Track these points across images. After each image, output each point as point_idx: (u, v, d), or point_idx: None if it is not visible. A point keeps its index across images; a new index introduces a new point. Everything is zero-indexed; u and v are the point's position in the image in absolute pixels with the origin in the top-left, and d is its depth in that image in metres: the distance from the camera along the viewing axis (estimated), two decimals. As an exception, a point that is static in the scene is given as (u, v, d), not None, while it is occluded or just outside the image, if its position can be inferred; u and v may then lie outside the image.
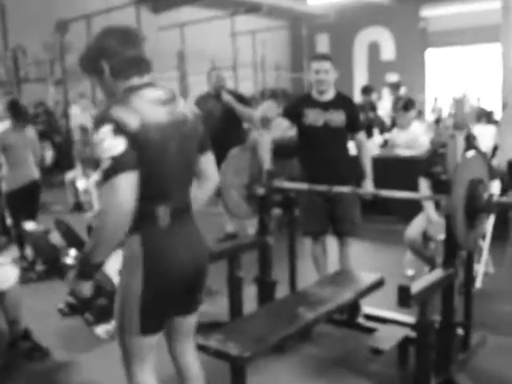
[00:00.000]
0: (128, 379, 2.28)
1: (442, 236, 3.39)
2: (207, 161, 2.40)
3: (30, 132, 5.79)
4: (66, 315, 4.32)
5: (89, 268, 2.04)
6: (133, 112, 2.01)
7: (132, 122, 1.98)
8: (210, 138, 5.87)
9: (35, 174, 5.61)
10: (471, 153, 2.99)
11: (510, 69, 6.40)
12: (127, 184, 1.94)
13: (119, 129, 1.96)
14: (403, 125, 7.70)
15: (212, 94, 5.90)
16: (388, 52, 18.16)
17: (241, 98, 5.82)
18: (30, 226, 5.32)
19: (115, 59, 2.10)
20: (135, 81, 2.14)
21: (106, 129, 1.95)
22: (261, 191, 3.69)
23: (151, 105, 2.08)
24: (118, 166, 1.93)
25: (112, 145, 1.94)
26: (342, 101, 3.93)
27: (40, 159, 6.62)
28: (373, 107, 9.14)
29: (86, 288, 2.09)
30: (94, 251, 1.99)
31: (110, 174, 1.93)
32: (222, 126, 5.70)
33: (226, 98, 5.64)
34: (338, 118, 3.86)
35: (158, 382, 2.33)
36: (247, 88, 13.12)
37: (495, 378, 3.23)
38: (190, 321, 2.39)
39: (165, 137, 2.08)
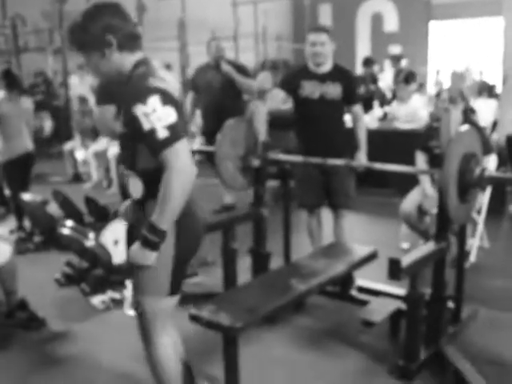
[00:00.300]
0: (149, 342, 2.34)
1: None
2: None
3: (25, 102, 5.71)
4: (63, 285, 4.36)
5: (157, 236, 2.09)
6: (164, 82, 2.10)
7: (172, 91, 2.08)
8: (209, 109, 5.90)
9: (29, 145, 5.56)
10: (465, 127, 2.98)
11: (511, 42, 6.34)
12: (185, 149, 2.05)
13: (167, 98, 2.04)
14: (403, 98, 7.66)
15: (211, 65, 5.84)
16: (391, 24, 17.97)
17: (240, 69, 5.75)
18: (26, 196, 5.33)
19: (120, 33, 2.13)
20: (139, 54, 2.19)
21: (154, 99, 2.01)
22: (256, 163, 3.70)
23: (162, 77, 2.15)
24: (175, 133, 2.02)
25: (165, 114, 2.02)
26: (339, 73, 3.90)
27: (39, 129, 6.63)
28: (374, 79, 9.08)
29: (151, 259, 2.14)
30: (164, 218, 2.07)
31: (168, 143, 2.01)
32: (221, 97, 5.67)
33: (226, 68, 5.59)
34: (334, 90, 3.83)
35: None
36: (248, 59, 12.99)
37: (485, 351, 3.26)
38: None
39: (179, 106, 2.16)
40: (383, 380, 3.00)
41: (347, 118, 4.11)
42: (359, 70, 9.28)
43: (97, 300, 4.02)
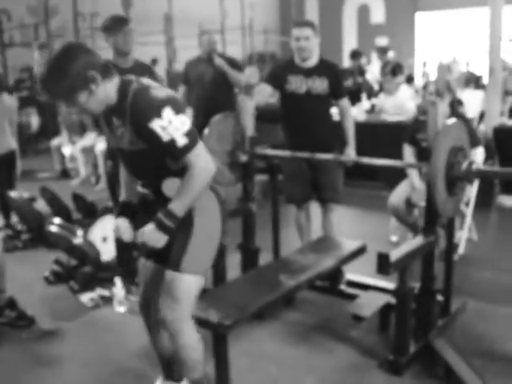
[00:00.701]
0: (180, 323, 2.37)
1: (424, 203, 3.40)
2: None
3: (7, 100, 5.63)
4: (51, 283, 4.33)
5: (173, 222, 2.24)
6: (162, 88, 2.27)
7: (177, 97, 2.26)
8: (201, 103, 5.82)
9: (13, 143, 5.49)
10: (452, 120, 2.98)
11: (497, 34, 6.33)
12: (203, 150, 2.24)
13: (177, 106, 2.19)
14: (390, 90, 7.66)
15: (203, 58, 5.76)
16: (378, 15, 17.98)
17: (232, 63, 5.69)
18: (14, 194, 5.29)
19: (97, 66, 2.20)
20: (116, 79, 2.28)
21: (168, 111, 2.15)
22: (243, 158, 3.68)
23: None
24: (193, 138, 2.20)
25: (180, 122, 2.17)
26: (325, 67, 3.89)
27: (25, 125, 6.57)
28: (361, 72, 9.07)
29: (162, 242, 2.28)
30: (182, 207, 2.25)
31: (189, 148, 2.19)
32: (213, 91, 5.58)
33: (218, 61, 5.52)
34: (320, 84, 3.82)
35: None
36: (235, 52, 12.94)
37: (474, 343, 3.27)
38: None
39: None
40: (373, 374, 3.01)
41: (334, 112, 4.11)
42: (346, 62, 9.28)
43: (86, 298, 4.00)
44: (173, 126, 2.15)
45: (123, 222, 2.48)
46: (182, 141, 2.17)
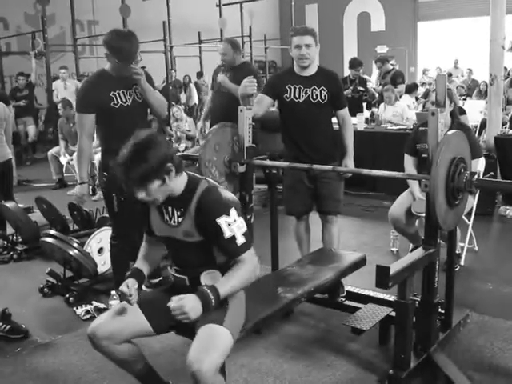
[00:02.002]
0: (215, 374, 2.28)
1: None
2: None
3: (2, 108, 5.59)
4: (47, 295, 4.28)
5: (215, 301, 2.32)
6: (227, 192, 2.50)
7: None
8: (217, 110, 5.75)
9: (8, 153, 5.44)
10: (453, 131, 2.93)
11: (498, 42, 6.31)
12: (254, 253, 2.45)
13: (239, 209, 2.45)
14: (391, 99, 7.64)
15: (222, 67, 5.74)
16: (378, 23, 18.00)
17: (250, 73, 5.49)
18: (9, 204, 5.23)
19: (175, 161, 2.38)
20: (184, 175, 2.48)
21: (234, 211, 2.38)
22: (241, 169, 3.63)
23: None
24: (249, 240, 2.42)
25: (241, 223, 2.40)
26: (324, 76, 3.84)
27: (22, 134, 6.53)
28: (362, 81, 9.03)
29: (196, 313, 2.29)
30: (226, 292, 2.37)
31: (246, 248, 2.40)
32: (228, 100, 5.53)
33: (219, 78, 5.48)
34: (319, 93, 3.77)
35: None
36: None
37: (475, 357, 3.22)
38: None
39: None
40: (373, 389, 2.95)
41: (334, 121, 4.06)
42: (347, 70, 9.22)
43: (81, 310, 3.94)
44: (236, 224, 2.37)
45: (133, 282, 2.52)
46: (241, 240, 2.38)
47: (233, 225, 2.36)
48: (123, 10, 10.33)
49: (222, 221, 2.35)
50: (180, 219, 2.46)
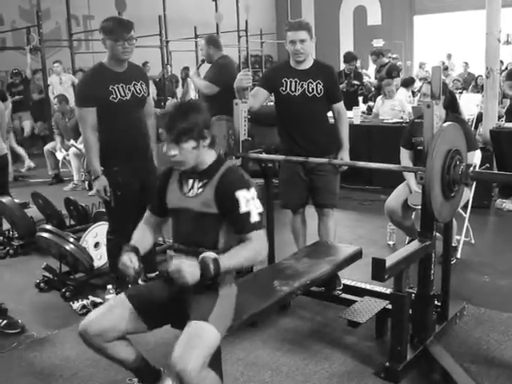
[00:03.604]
0: (200, 371, 2.24)
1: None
2: None
3: None
4: (43, 290, 4.27)
5: (215, 272, 2.32)
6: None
7: None
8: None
9: (3, 148, 5.42)
10: (448, 123, 2.93)
11: (494, 36, 6.30)
12: (265, 236, 2.51)
13: (257, 192, 2.48)
14: (391, 93, 7.63)
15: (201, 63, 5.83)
16: (374, 17, 17.96)
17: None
18: (5, 199, 5.22)
19: (210, 132, 2.49)
20: (213, 153, 2.57)
21: (254, 191, 2.45)
22: (237, 162, 3.62)
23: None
24: (262, 221, 2.46)
25: (259, 203, 2.46)
26: (320, 70, 3.83)
27: (18, 129, 6.50)
28: (358, 74, 9.03)
29: (194, 279, 2.30)
30: (227, 264, 2.36)
31: (258, 226, 2.43)
32: (201, 95, 5.67)
33: (191, 73, 5.59)
34: (315, 87, 3.76)
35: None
36: (231, 55, 12.93)
37: (472, 349, 3.22)
38: None
39: None
40: (370, 382, 2.94)
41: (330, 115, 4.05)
42: (343, 64, 9.22)
43: (78, 305, 3.93)
44: (254, 202, 2.42)
45: (133, 255, 2.55)
46: (255, 217, 2.41)
47: (250, 201, 2.42)
48: (119, 5, 10.30)
49: (240, 194, 2.40)
50: (200, 190, 2.51)
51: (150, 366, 2.74)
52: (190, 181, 2.55)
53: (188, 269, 2.30)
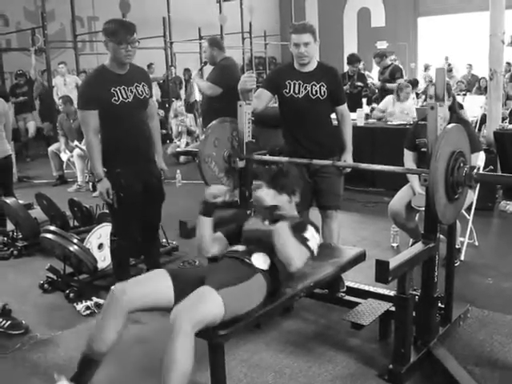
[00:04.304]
0: (191, 327, 2.34)
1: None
2: None
3: (2, 104, 5.57)
4: (47, 291, 4.28)
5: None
6: None
7: None
8: (202, 108, 5.97)
9: (8, 149, 5.43)
10: (452, 124, 2.93)
11: (498, 37, 6.30)
12: None
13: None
14: (406, 95, 7.60)
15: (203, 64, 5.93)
16: (378, 19, 17.96)
17: None
18: (9, 200, 5.23)
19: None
20: None
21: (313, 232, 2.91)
22: (240, 164, 3.63)
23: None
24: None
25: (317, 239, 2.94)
26: (323, 72, 3.83)
27: (23, 131, 6.52)
28: (361, 76, 9.02)
29: (268, 201, 2.98)
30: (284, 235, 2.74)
31: (312, 252, 2.86)
32: (204, 97, 5.77)
33: (193, 74, 5.62)
34: (319, 89, 3.76)
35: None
36: (234, 57, 12.95)
37: (475, 351, 3.21)
38: None
39: None
40: (373, 384, 2.95)
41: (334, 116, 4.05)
42: (347, 65, 9.22)
43: (81, 306, 3.94)
44: (315, 238, 2.94)
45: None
46: (313, 246, 2.90)
47: (312, 239, 2.88)
48: (123, 6, 10.32)
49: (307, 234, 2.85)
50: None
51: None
52: None
53: (263, 193, 2.93)
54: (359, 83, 8.73)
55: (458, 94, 10.84)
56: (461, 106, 7.19)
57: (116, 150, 3.77)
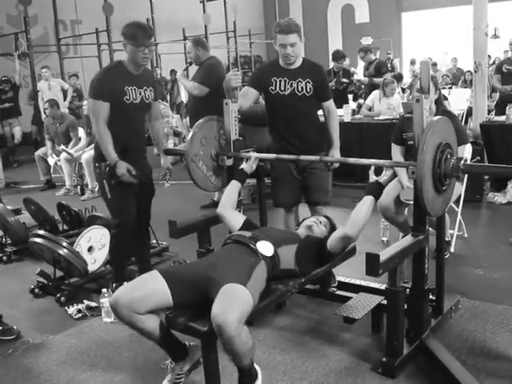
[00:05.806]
0: (239, 322, 2.40)
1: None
2: None
3: None
4: (38, 296, 4.26)
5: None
6: None
7: None
8: (189, 107, 6.02)
9: None
10: (438, 117, 2.94)
11: (481, 30, 6.34)
12: None
13: None
14: (392, 91, 7.63)
15: (188, 65, 5.92)
16: (362, 15, 18.01)
17: None
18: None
19: None
20: None
21: None
22: (228, 162, 3.63)
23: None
24: None
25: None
26: (309, 68, 3.83)
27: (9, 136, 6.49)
28: (346, 72, 9.04)
29: None
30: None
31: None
32: (190, 96, 5.82)
33: (178, 74, 5.63)
34: (305, 86, 3.76)
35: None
36: (219, 56, 12.93)
37: (467, 342, 3.23)
38: None
39: None
40: (367, 377, 2.95)
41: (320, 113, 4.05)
42: (332, 62, 9.23)
43: (73, 309, 3.92)
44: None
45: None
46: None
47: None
48: (106, 9, 10.29)
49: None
50: None
51: (178, 340, 2.82)
52: None
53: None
54: (344, 79, 8.74)
55: (444, 88, 10.89)
56: (445, 98, 7.24)
57: (116, 145, 3.78)
